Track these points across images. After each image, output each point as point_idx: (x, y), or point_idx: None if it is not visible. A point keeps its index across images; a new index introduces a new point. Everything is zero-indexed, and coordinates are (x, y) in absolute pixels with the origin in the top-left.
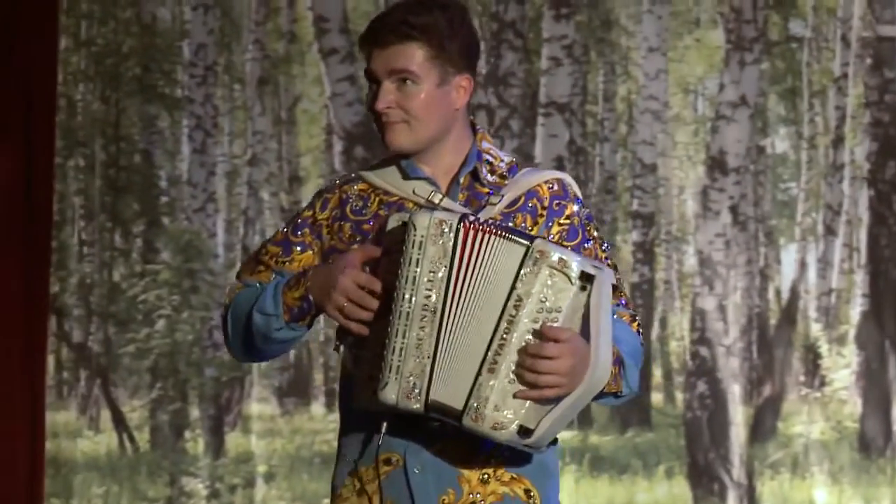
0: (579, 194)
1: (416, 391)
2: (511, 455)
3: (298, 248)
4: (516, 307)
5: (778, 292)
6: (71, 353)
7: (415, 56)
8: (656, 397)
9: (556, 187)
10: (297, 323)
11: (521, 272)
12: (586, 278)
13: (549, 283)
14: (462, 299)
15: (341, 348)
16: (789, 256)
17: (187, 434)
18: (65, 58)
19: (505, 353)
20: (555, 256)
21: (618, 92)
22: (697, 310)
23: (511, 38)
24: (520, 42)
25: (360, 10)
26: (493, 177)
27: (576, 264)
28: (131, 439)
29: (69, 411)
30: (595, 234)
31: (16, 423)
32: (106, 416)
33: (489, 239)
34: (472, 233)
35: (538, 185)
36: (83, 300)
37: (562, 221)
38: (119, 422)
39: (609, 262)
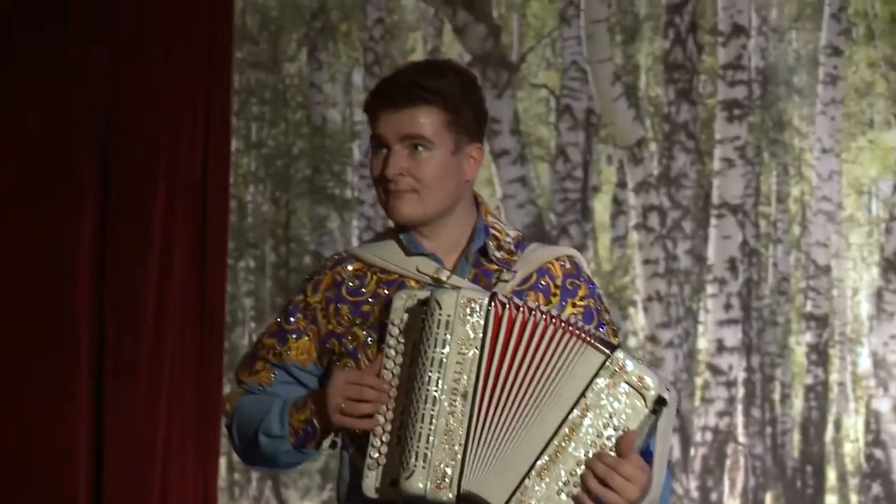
0: (590, 273)
1: (447, 480)
2: None
3: (294, 336)
4: (582, 416)
5: None
6: None
7: (429, 121)
8: (831, 500)
9: (568, 265)
10: (303, 447)
11: (595, 381)
12: (661, 402)
13: (624, 399)
14: (501, 386)
15: (338, 443)
16: None
17: None
18: (236, 160)
19: (559, 461)
20: (634, 374)
21: (791, 193)
22: (872, 412)
23: (683, 139)
24: (692, 143)
25: (532, 112)
26: (501, 252)
27: (654, 388)
28: None
29: None
30: (607, 317)
31: None
32: None
33: (558, 334)
34: (515, 316)
35: (549, 263)
36: None
37: (577, 303)
38: None
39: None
